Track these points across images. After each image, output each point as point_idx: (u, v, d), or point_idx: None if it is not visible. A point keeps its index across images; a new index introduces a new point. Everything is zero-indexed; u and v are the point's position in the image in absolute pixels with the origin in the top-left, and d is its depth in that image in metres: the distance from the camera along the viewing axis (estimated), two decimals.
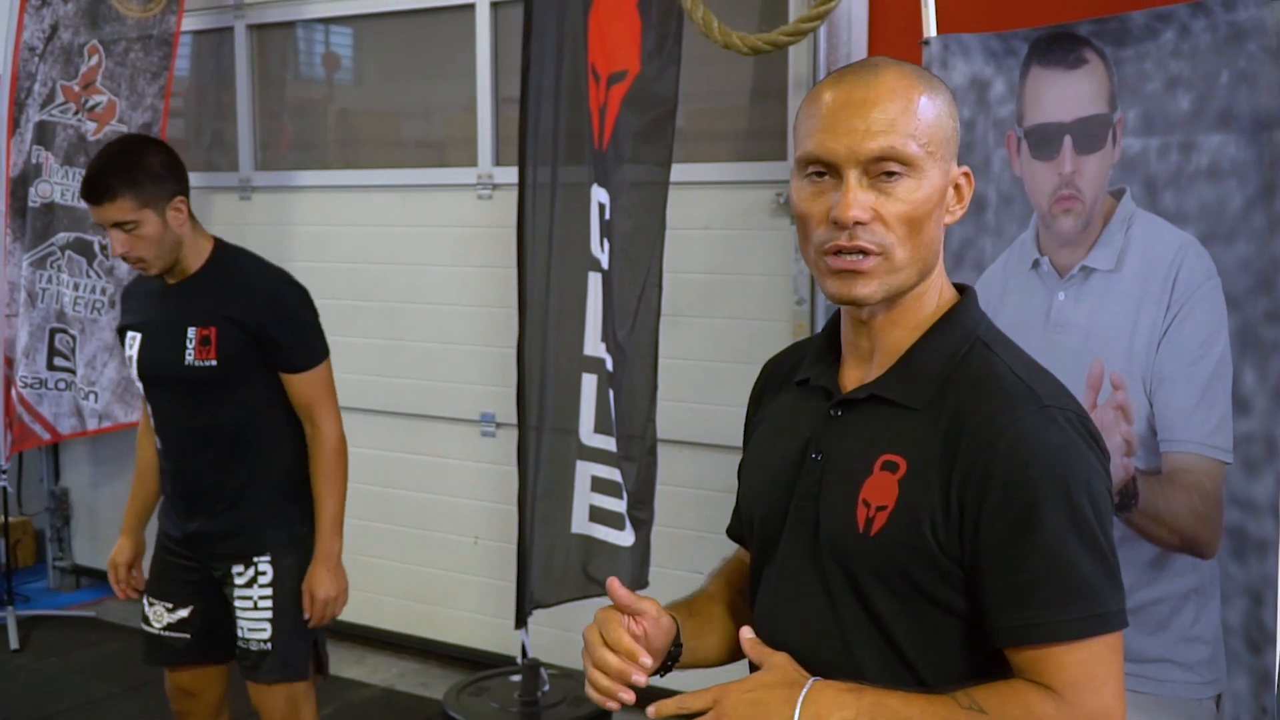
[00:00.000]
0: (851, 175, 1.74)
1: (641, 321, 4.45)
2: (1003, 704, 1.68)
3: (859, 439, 1.83)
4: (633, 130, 4.39)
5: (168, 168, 3.66)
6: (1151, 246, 3.04)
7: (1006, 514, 1.69)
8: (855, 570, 1.79)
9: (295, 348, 3.77)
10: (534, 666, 4.80)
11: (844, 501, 1.81)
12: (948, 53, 3.51)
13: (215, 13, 6.46)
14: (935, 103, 1.79)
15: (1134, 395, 3.06)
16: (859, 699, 1.70)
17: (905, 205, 1.74)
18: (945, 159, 1.79)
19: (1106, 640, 1.69)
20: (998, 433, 1.71)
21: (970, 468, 1.71)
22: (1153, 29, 3.03)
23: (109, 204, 3.58)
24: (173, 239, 3.66)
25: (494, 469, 5.67)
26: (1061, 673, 1.68)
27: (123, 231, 3.60)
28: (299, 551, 3.83)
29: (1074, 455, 1.72)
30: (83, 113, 6.12)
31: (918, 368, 1.83)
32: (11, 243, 6.12)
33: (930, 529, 1.73)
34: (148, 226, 3.60)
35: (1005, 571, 1.69)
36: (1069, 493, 1.69)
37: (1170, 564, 3.05)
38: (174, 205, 3.64)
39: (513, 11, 5.39)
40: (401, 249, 5.97)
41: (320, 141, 6.55)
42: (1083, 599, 1.68)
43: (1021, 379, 1.78)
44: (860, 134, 1.74)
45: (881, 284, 1.77)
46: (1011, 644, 1.71)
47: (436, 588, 5.97)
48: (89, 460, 7.19)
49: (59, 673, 5.94)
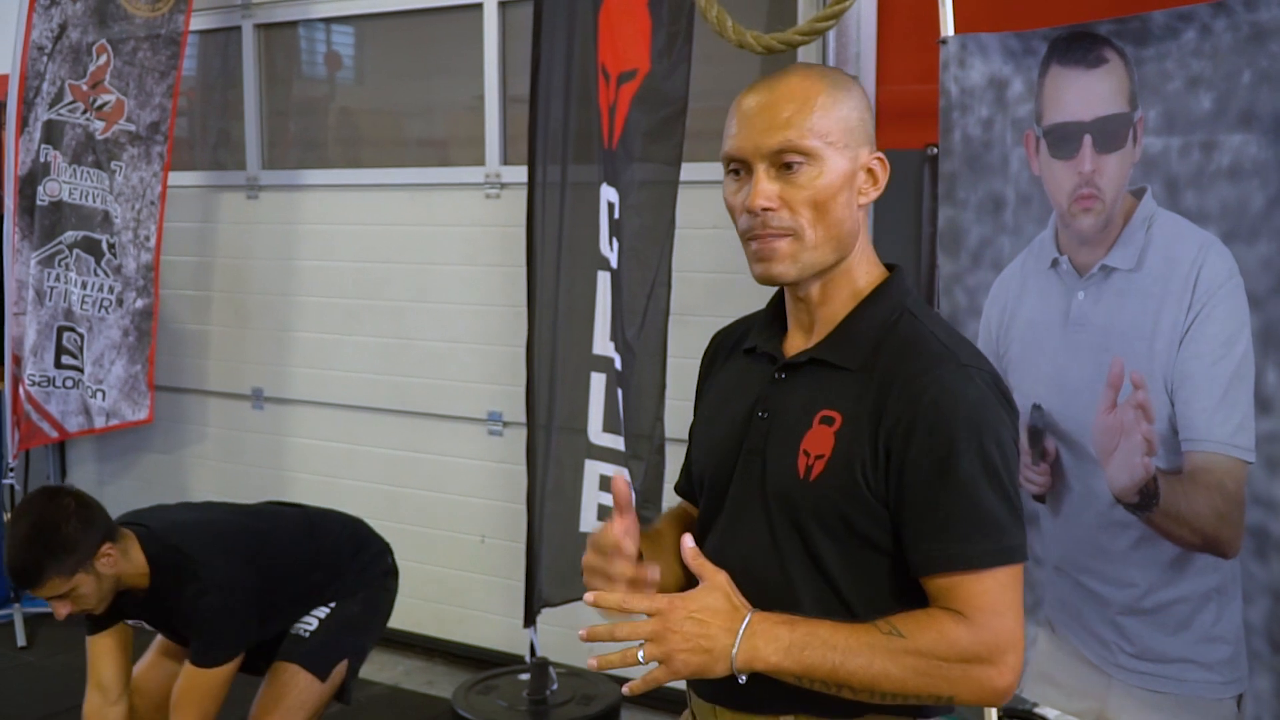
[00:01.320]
0: (759, 168, 2.01)
1: (650, 320, 4.45)
2: (919, 628, 1.89)
3: (800, 398, 2.06)
4: (642, 129, 4.39)
5: (84, 526, 3.67)
6: (1173, 246, 3.03)
7: (927, 459, 1.91)
8: (797, 513, 2.00)
9: (198, 648, 3.81)
10: (542, 665, 4.81)
11: (787, 453, 2.03)
12: (965, 52, 3.51)
13: (223, 12, 6.46)
14: (836, 99, 2.02)
15: (1155, 394, 3.06)
16: (792, 630, 1.89)
17: (808, 191, 1.99)
18: (850, 147, 2.03)
19: (1009, 571, 1.92)
20: (922, 388, 1.94)
21: (897, 418, 1.94)
22: (1173, 28, 3.02)
23: (42, 588, 3.65)
24: (109, 584, 3.73)
25: (501, 468, 5.67)
26: (971, 599, 1.90)
27: (64, 601, 3.68)
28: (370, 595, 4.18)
29: (987, 409, 1.95)
30: (91, 112, 6.11)
31: (853, 334, 2.06)
32: (19, 241, 6.11)
33: (861, 474, 1.95)
34: (84, 587, 3.67)
35: (924, 509, 1.92)
36: (981, 441, 1.91)
37: (1191, 564, 3.04)
38: (102, 554, 3.68)
39: (520, 10, 5.39)
40: (409, 248, 5.97)
41: (327, 140, 6.55)
42: (990, 534, 1.91)
43: (944, 343, 2.02)
44: (762, 132, 2.00)
45: (794, 263, 2.02)
46: (927, 573, 1.93)
47: (444, 586, 5.97)
48: (95, 458, 7.19)
49: (65, 670, 5.92)
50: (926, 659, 1.87)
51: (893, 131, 4.68)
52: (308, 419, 6.40)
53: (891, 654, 1.87)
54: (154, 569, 3.79)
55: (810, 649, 1.88)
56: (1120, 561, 3.20)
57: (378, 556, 4.28)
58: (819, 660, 1.87)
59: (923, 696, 1.90)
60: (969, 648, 1.88)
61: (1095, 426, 3.22)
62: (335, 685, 4.04)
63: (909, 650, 1.87)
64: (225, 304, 6.64)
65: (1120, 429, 3.15)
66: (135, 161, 6.14)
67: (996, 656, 1.89)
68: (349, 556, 4.18)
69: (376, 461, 6.09)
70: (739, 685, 1.94)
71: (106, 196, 6.14)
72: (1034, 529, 3.46)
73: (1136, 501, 3.12)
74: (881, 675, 1.87)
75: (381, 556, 4.29)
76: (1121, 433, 3.15)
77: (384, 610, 4.27)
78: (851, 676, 1.88)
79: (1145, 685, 3.18)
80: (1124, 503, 3.16)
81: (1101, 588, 3.27)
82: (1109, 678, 3.26)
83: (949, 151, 3.59)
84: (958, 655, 1.88)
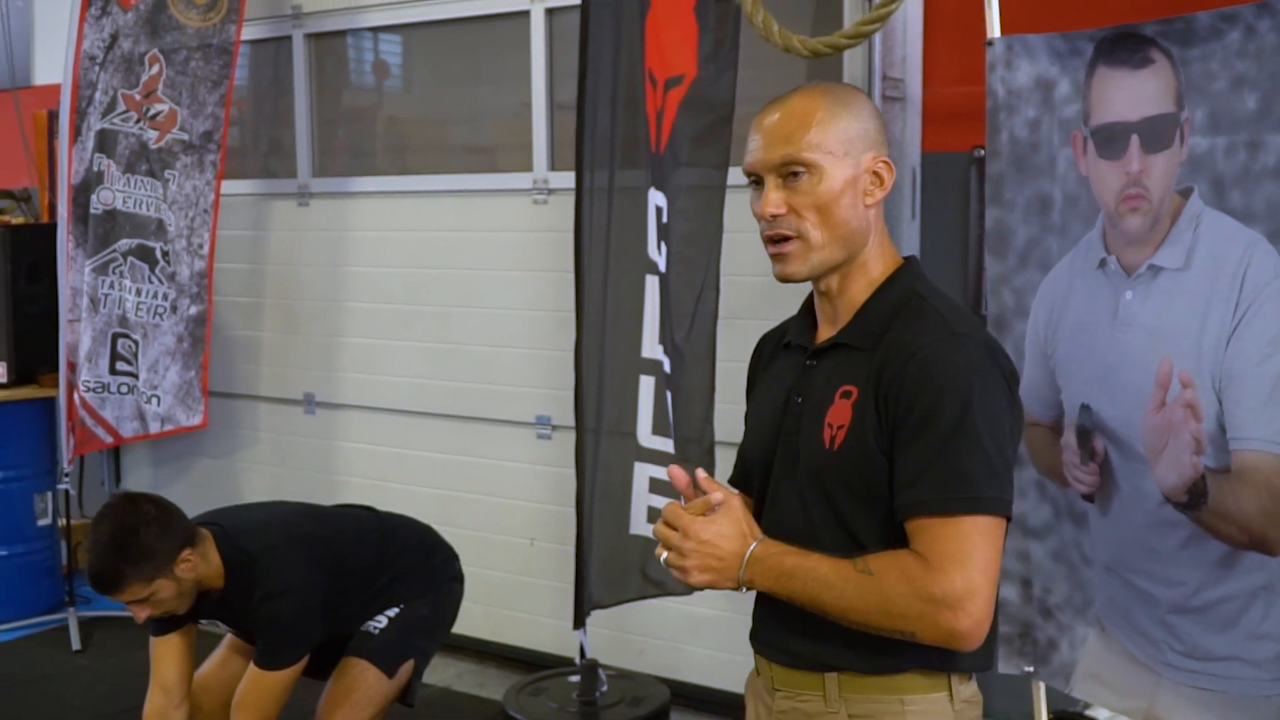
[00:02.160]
0: (769, 180, 2.26)
1: (699, 324, 4.47)
2: (885, 568, 2.09)
3: (826, 378, 2.28)
4: (689, 134, 4.42)
5: (163, 532, 3.70)
6: (1219, 244, 3.04)
7: (911, 417, 2.11)
8: (825, 480, 2.22)
9: (263, 650, 3.85)
10: (592, 667, 4.82)
11: (815, 428, 2.25)
12: (1012, 53, 3.52)
13: (274, 22, 6.51)
14: (834, 114, 2.24)
15: (1203, 393, 3.07)
16: (783, 559, 2.16)
17: (810, 197, 2.22)
18: (850, 155, 2.24)
19: (978, 520, 2.08)
20: (913, 352, 2.15)
21: (891, 382, 2.15)
22: (1218, 29, 3.03)
23: (121, 594, 3.69)
24: (189, 587, 3.78)
25: (550, 471, 5.70)
26: (934, 543, 2.07)
27: (143, 605, 3.72)
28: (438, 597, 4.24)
29: (973, 372, 2.12)
30: (144, 121, 6.17)
31: (868, 318, 2.28)
32: (74, 249, 6.18)
33: (873, 436, 2.16)
34: (164, 592, 3.71)
35: (907, 460, 2.12)
36: (964, 400, 2.09)
37: (1239, 562, 3.05)
38: (181, 560, 3.72)
39: (567, 17, 5.42)
40: (458, 254, 6.01)
41: (376, 148, 6.60)
42: (962, 484, 2.08)
43: (943, 315, 2.22)
44: (768, 148, 2.25)
45: (804, 262, 2.26)
46: (903, 517, 2.12)
47: (494, 589, 5.99)
48: (150, 463, 7.27)
49: (119, 673, 5.98)
50: (888, 597, 2.08)
51: (939, 133, 4.70)
52: (358, 424, 6.44)
53: (860, 591, 2.09)
54: (227, 570, 3.84)
55: (795, 579, 2.14)
56: (1169, 560, 3.21)
57: (446, 563, 4.33)
58: (801, 589, 2.14)
59: (888, 630, 2.11)
60: (927, 589, 2.06)
61: (1144, 426, 3.23)
62: (401, 684, 4.08)
63: (875, 589, 2.08)
64: (277, 310, 6.69)
65: (1169, 428, 3.16)
66: (188, 170, 6.20)
67: (954, 601, 2.05)
68: (419, 561, 4.23)
69: (427, 466, 6.13)
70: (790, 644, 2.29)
71: (160, 205, 6.20)
72: (1083, 529, 3.47)
73: (1185, 500, 3.13)
74: (850, 607, 2.11)
75: (449, 563, 4.34)
76: (1170, 432, 3.16)
77: (450, 615, 4.33)
78: (826, 606, 2.13)
79: (1193, 683, 3.19)
80: (1173, 502, 3.17)
81: (1151, 586, 3.28)
82: (1158, 676, 3.27)
83: (996, 153, 3.60)
84: (916, 595, 2.06)
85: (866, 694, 2.23)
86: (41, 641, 6.41)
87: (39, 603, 6.69)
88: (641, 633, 5.44)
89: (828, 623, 2.17)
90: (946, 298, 2.30)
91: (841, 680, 2.24)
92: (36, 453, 6.71)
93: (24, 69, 7.66)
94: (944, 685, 2.24)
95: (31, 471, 6.68)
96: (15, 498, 6.63)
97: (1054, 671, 3.59)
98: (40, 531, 6.74)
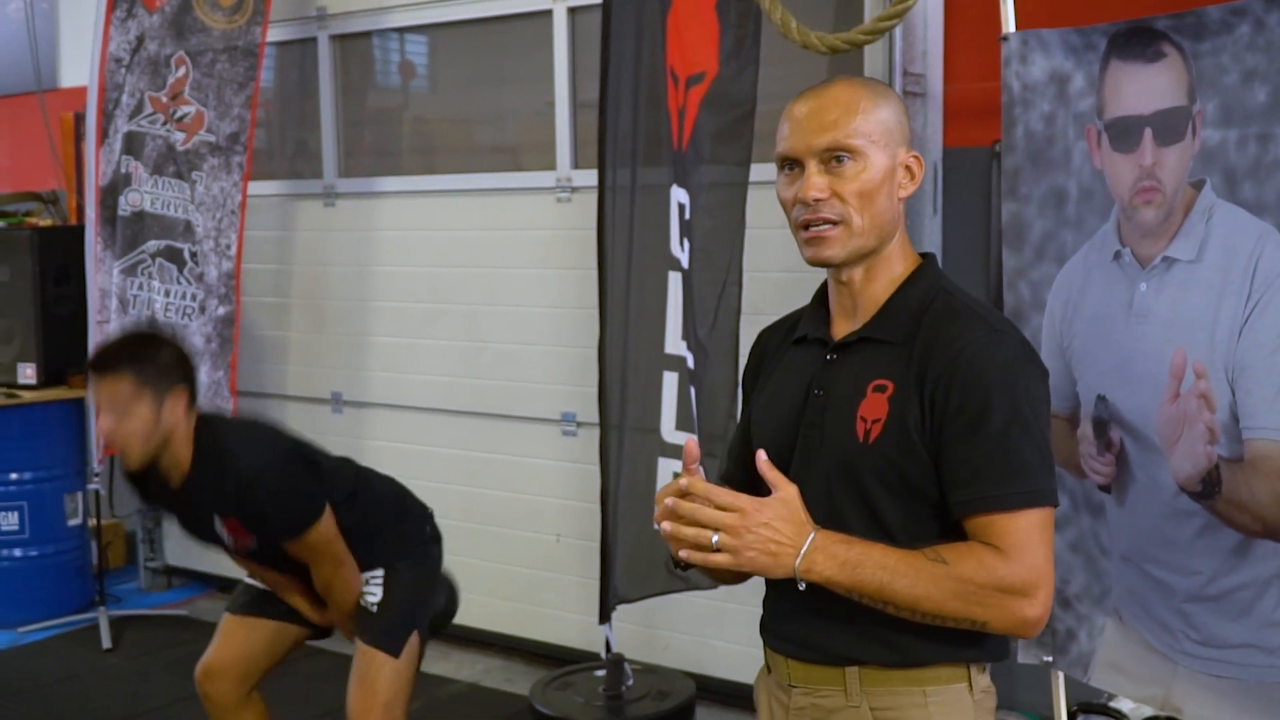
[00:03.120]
0: (811, 164, 2.25)
1: (722, 320, 4.50)
2: (960, 557, 2.11)
3: (853, 373, 2.29)
4: (711, 131, 4.44)
5: (178, 360, 3.73)
6: (1232, 236, 3.06)
7: (964, 413, 2.14)
8: (858, 475, 2.23)
9: (278, 527, 3.83)
10: (618, 661, 4.84)
11: (845, 421, 2.26)
12: (1026, 48, 3.54)
13: (299, 24, 6.57)
14: (876, 104, 2.28)
15: (1216, 384, 3.08)
16: (849, 548, 2.12)
17: (855, 182, 2.24)
18: (889, 146, 2.28)
19: (1040, 513, 2.14)
20: (958, 350, 2.17)
21: (938, 378, 2.17)
22: (1228, 23, 3.05)
23: (104, 379, 3.64)
24: (158, 437, 3.69)
25: (575, 467, 5.74)
26: (1005, 536, 2.11)
27: (111, 416, 3.64)
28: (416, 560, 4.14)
29: (1017, 367, 2.18)
30: (171, 123, 6.22)
31: (895, 313, 2.30)
32: (102, 251, 6.24)
33: (915, 429, 2.18)
34: (138, 414, 3.64)
35: (962, 458, 2.15)
36: (1013, 395, 2.14)
37: (1253, 550, 3.07)
38: (174, 394, 3.68)
39: (589, 16, 5.45)
40: (482, 252, 6.05)
41: (402, 148, 6.65)
42: (1021, 478, 2.13)
43: (976, 312, 2.27)
44: (812, 133, 2.25)
45: (844, 246, 2.26)
46: (966, 515, 2.15)
47: (520, 585, 6.04)
48: None
49: (150, 671, 6.05)
50: (965, 584, 2.10)
51: (961, 129, 4.71)
52: (385, 422, 6.49)
53: (934, 578, 2.10)
54: (197, 456, 3.77)
55: (863, 567, 2.11)
56: (1185, 550, 3.23)
57: (421, 520, 4.26)
58: (869, 578, 2.11)
59: (959, 619, 2.12)
60: (1005, 578, 2.09)
61: (1159, 416, 3.25)
62: (413, 657, 4.07)
63: (950, 575, 2.10)
64: (304, 310, 6.75)
65: (1184, 418, 3.18)
66: (215, 172, 6.24)
67: (1030, 589, 2.10)
68: (393, 513, 4.18)
69: (453, 463, 6.17)
70: (809, 638, 2.29)
71: (188, 206, 6.25)
72: (1100, 519, 3.49)
73: (1199, 490, 3.15)
74: (923, 596, 2.10)
75: (424, 521, 4.27)
76: (1185, 422, 3.18)
77: (435, 576, 4.24)
78: (896, 595, 2.11)
79: (1209, 671, 3.21)
80: (1187, 491, 3.19)
81: (1167, 576, 3.30)
82: (1174, 664, 3.29)
83: (1011, 147, 3.63)
84: (994, 584, 2.09)
85: (889, 687, 2.24)
86: (72, 640, 6.49)
87: (70, 602, 6.78)
88: (667, 627, 5.47)
89: (847, 615, 2.18)
90: (969, 294, 2.34)
91: (863, 674, 2.25)
92: (67, 453, 6.80)
93: (50, 72, 7.71)
94: (964, 676, 2.26)
95: (62, 472, 6.78)
96: (46, 498, 6.72)
97: (1073, 661, 3.62)
98: (71, 531, 6.84)
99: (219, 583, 7.07)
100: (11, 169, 8.11)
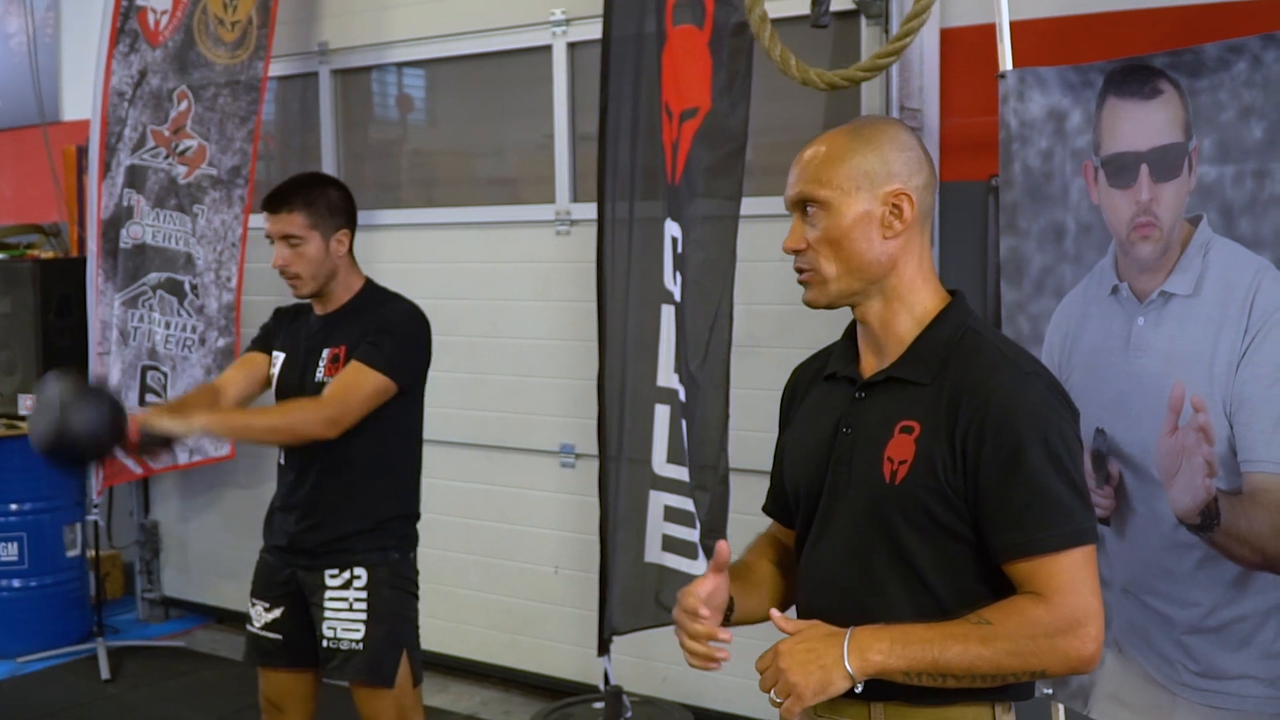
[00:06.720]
0: (795, 215, 2.37)
1: (713, 352, 4.50)
2: (1004, 615, 2.15)
3: (880, 412, 2.33)
4: (704, 165, 4.46)
5: (346, 203, 4.03)
6: (1229, 271, 3.09)
7: (999, 456, 2.17)
8: (885, 513, 2.27)
9: (370, 345, 3.94)
10: (616, 693, 4.85)
11: (872, 461, 2.29)
12: (1024, 85, 3.58)
13: (301, 59, 6.60)
14: (852, 150, 2.32)
15: (1214, 417, 3.11)
16: (890, 631, 2.16)
17: (821, 232, 2.32)
18: (865, 190, 2.31)
19: (1083, 551, 2.17)
20: (989, 392, 2.20)
21: (970, 421, 2.19)
22: (1225, 60, 3.09)
23: (278, 214, 3.93)
24: (329, 267, 3.99)
25: (574, 499, 5.75)
26: (1049, 579, 2.15)
27: (288, 246, 3.94)
28: (392, 572, 4.04)
29: (1048, 408, 2.21)
30: (173, 156, 6.25)
31: (923, 353, 2.33)
32: (103, 283, 6.26)
33: (942, 471, 2.21)
34: (311, 247, 3.94)
35: (1000, 501, 2.17)
36: (1046, 437, 2.17)
37: (1252, 582, 3.09)
38: (338, 236, 3.97)
39: (588, 52, 5.48)
40: (482, 285, 6.07)
41: (402, 182, 6.68)
42: (1062, 519, 2.16)
43: (1005, 354, 2.29)
44: (791, 184, 2.37)
45: (820, 292, 2.36)
46: (1009, 559, 2.19)
47: (518, 616, 6.05)
48: (179, 494, 7.33)
49: (149, 702, 6.06)
50: (1014, 640, 2.12)
51: (957, 163, 4.74)
52: None
53: (983, 640, 2.13)
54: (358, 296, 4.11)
55: (910, 645, 2.14)
56: (1185, 581, 3.25)
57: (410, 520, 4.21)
58: (919, 654, 2.13)
59: (1019, 673, 2.16)
60: (1050, 624, 2.12)
61: (1158, 449, 3.27)
62: (408, 677, 4.01)
63: (998, 635, 2.13)
64: None
65: (1182, 451, 3.20)
66: (217, 205, 6.27)
67: (1077, 628, 2.13)
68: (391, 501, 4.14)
69: (453, 494, 6.17)
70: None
71: (189, 239, 6.28)
72: (1100, 551, 3.47)
73: (1198, 522, 3.17)
74: (977, 659, 2.13)
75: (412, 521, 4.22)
76: (1183, 455, 3.20)
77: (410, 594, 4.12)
78: (951, 665, 2.13)
79: (1208, 703, 3.22)
80: (1186, 524, 3.21)
81: (1167, 608, 3.31)
82: (1174, 696, 3.30)
83: (1010, 182, 3.65)
84: (1042, 632, 2.12)
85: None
86: (71, 671, 6.49)
87: (69, 633, 6.77)
88: (665, 659, 5.48)
89: None
90: (998, 333, 2.41)
91: (888, 710, 2.28)
92: (66, 484, 6.79)
93: (53, 104, 7.74)
94: (989, 715, 2.29)
95: (61, 503, 6.78)
96: (45, 529, 6.73)
97: (1073, 693, 3.63)
98: (69, 562, 6.83)
99: (216, 614, 7.08)
100: (14, 201, 8.13)
